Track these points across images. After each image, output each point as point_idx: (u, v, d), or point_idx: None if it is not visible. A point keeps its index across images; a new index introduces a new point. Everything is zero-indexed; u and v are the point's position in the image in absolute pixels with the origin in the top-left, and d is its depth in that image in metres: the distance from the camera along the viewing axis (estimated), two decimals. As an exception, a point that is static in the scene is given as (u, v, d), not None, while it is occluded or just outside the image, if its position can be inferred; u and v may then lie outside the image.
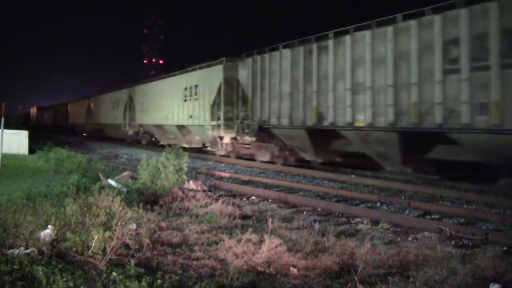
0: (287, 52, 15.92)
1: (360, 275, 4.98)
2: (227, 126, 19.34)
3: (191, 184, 10.82)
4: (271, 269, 5.27)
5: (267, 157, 17.62)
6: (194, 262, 5.47)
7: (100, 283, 4.58)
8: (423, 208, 9.29)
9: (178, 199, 9.21)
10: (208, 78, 20.81)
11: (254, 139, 17.96)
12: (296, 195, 10.71)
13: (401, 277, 5.04)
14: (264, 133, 17.35)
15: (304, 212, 9.03)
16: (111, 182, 10.36)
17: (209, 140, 21.60)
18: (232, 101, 19.26)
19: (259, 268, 5.27)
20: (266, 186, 12.39)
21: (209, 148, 22.29)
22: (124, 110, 33.25)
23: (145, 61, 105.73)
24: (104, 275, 4.76)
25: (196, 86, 22.08)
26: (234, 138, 19.42)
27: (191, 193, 9.82)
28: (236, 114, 19.03)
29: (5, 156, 15.90)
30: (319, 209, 9.22)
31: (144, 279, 4.50)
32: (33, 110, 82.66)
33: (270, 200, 10.34)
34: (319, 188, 11.81)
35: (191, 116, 22.38)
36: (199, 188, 10.71)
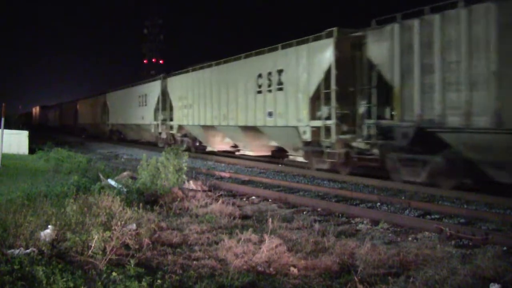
0: (483, 8, 9.82)
1: (360, 275, 4.98)
2: (343, 128, 13.77)
3: (191, 184, 10.82)
4: (271, 269, 5.27)
5: (422, 177, 11.54)
6: (194, 262, 5.47)
7: (100, 283, 4.58)
8: (423, 208, 9.29)
9: (178, 199, 9.21)
10: (303, 59, 14.95)
11: (401, 148, 11.90)
12: (296, 195, 10.71)
13: (401, 277, 5.04)
14: (419, 140, 11.42)
15: (304, 212, 9.03)
16: (111, 182, 10.36)
17: (297, 147, 15.81)
18: (347, 92, 13.66)
19: (259, 268, 5.27)
20: (266, 186, 12.39)
21: (296, 158, 16.32)
22: (155, 107, 27.29)
23: (145, 61, 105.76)
24: (104, 275, 4.76)
25: (280, 71, 16.04)
26: (349, 146, 13.71)
27: (191, 193, 9.82)
28: (361, 110, 13.24)
29: (5, 156, 15.90)
30: (319, 209, 9.22)
31: (144, 279, 4.51)
32: (36, 110, 79.37)
33: (270, 200, 10.34)
34: (319, 188, 11.81)
35: (270, 114, 16.50)
36: (199, 188, 10.71)
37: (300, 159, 15.84)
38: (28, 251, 5.33)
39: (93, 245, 5.26)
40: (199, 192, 10.08)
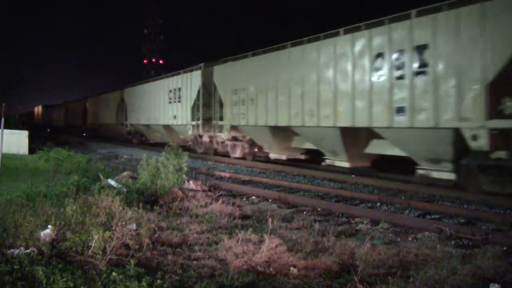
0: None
1: (360, 275, 4.98)
2: None
3: (191, 184, 10.82)
4: (271, 269, 5.27)
5: None
6: (194, 262, 5.47)
7: (100, 283, 4.58)
8: (423, 208, 9.29)
9: (178, 199, 9.20)
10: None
11: None
12: (296, 195, 10.71)
13: (401, 277, 5.04)
14: None
15: (304, 212, 9.03)
16: (111, 182, 10.35)
17: (445, 159, 10.92)
18: None
19: (259, 268, 5.27)
20: (266, 186, 12.39)
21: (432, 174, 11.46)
22: (193, 104, 22.19)
23: (145, 61, 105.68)
24: (104, 275, 4.76)
25: (424, 47, 10.75)
26: None
27: (191, 193, 9.82)
28: None
29: (5, 156, 15.90)
30: (319, 209, 9.22)
31: (144, 279, 4.51)
32: (38, 109, 75.57)
33: (270, 200, 10.34)
34: (319, 188, 11.80)
35: (400, 111, 11.27)
36: (199, 188, 10.71)
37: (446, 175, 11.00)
38: (28, 251, 5.33)
39: (93, 245, 5.26)
40: (199, 192, 10.08)
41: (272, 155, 17.55)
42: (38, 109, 75.56)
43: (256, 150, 18.87)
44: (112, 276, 4.66)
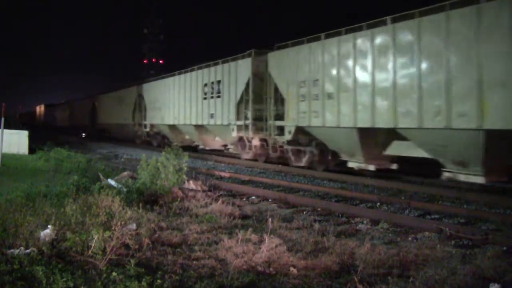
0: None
1: (360, 275, 4.98)
2: None
3: (191, 184, 10.82)
4: (271, 269, 5.27)
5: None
6: (194, 262, 5.47)
7: (100, 283, 4.58)
8: (423, 208, 9.29)
9: (178, 199, 9.20)
10: None
11: None
12: (296, 195, 10.71)
13: (401, 277, 5.04)
14: None
15: (304, 212, 9.03)
16: (111, 182, 10.35)
17: None
18: None
19: (259, 268, 5.27)
20: (266, 186, 12.39)
21: None
22: (238, 101, 18.41)
23: (145, 61, 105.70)
24: (104, 275, 4.76)
25: None
26: None
27: (191, 193, 9.82)
28: None
29: (5, 156, 15.89)
30: (319, 209, 9.22)
31: (144, 279, 4.51)
32: (40, 109, 72.10)
33: (270, 200, 10.34)
34: (319, 188, 11.80)
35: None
36: (199, 188, 10.71)
37: None
38: (28, 251, 5.33)
39: (93, 245, 5.25)
40: (199, 192, 10.07)
41: (354, 164, 13.68)
42: (40, 109, 72.51)
43: (329, 157, 15.08)
44: (112, 276, 4.66)
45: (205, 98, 21.21)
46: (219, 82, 20.05)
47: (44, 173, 13.41)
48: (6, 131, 16.04)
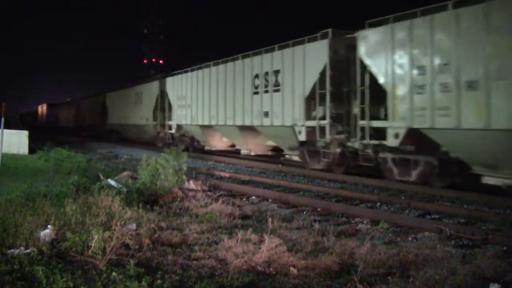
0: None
1: (360, 275, 4.98)
2: None
3: (191, 184, 10.82)
4: (271, 269, 5.27)
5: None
6: (194, 262, 5.47)
7: (100, 283, 4.58)
8: (423, 208, 9.29)
9: (178, 199, 9.21)
10: None
11: None
12: (296, 195, 10.71)
13: (401, 277, 5.04)
14: None
15: (304, 212, 9.03)
16: (111, 182, 10.35)
17: None
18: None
19: (259, 268, 5.27)
20: (266, 186, 12.39)
21: None
22: (307, 95, 14.67)
23: (145, 61, 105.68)
24: (104, 275, 4.76)
25: None
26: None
27: (191, 193, 9.83)
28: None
29: (5, 156, 15.89)
30: (319, 209, 9.22)
31: (144, 279, 4.51)
32: (42, 108, 69.36)
33: (270, 200, 10.34)
34: (319, 188, 11.80)
35: None
36: (199, 188, 10.71)
37: None
38: (28, 251, 5.33)
39: (93, 245, 5.25)
40: (199, 192, 10.08)
41: (494, 180, 10.22)
42: (42, 108, 69.18)
43: (454, 170, 11.19)
44: (112, 276, 4.66)
45: (256, 93, 17.09)
46: (277, 72, 16.03)
47: (44, 173, 13.41)
48: (6, 131, 16.05)
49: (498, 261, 5.58)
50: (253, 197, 10.68)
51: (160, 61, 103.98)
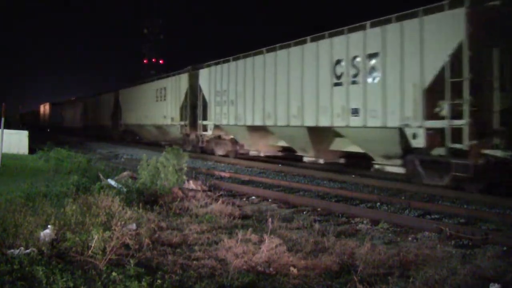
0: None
1: (360, 275, 4.98)
2: None
3: (191, 184, 10.82)
4: (271, 269, 5.27)
5: None
6: (194, 262, 5.47)
7: (100, 283, 4.58)
8: (423, 208, 9.29)
9: (178, 199, 9.20)
10: None
11: None
12: (296, 195, 10.71)
13: (401, 277, 5.04)
14: None
15: (304, 212, 9.03)
16: (111, 182, 10.35)
17: None
18: None
19: (259, 268, 5.26)
20: (266, 186, 12.38)
21: None
22: (429, 85, 10.81)
23: (145, 61, 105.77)
24: (104, 275, 4.76)
25: None
26: None
27: (191, 193, 9.82)
28: None
29: (5, 156, 15.89)
30: (319, 209, 9.22)
31: (144, 279, 4.51)
32: (44, 108, 65.28)
33: (270, 200, 10.34)
34: (319, 188, 11.80)
35: None
36: (199, 188, 10.71)
37: None
38: (28, 251, 5.33)
39: (93, 245, 5.25)
40: (199, 192, 10.07)
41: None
42: (45, 108, 64.86)
43: None
44: (112, 276, 4.66)
45: (337, 84, 13.50)
46: (372, 56, 12.35)
47: (44, 173, 13.40)
48: (6, 131, 16.05)
49: (498, 261, 5.58)
50: (253, 197, 10.68)
51: (160, 61, 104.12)
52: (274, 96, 16.25)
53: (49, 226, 5.84)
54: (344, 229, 7.44)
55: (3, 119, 14.56)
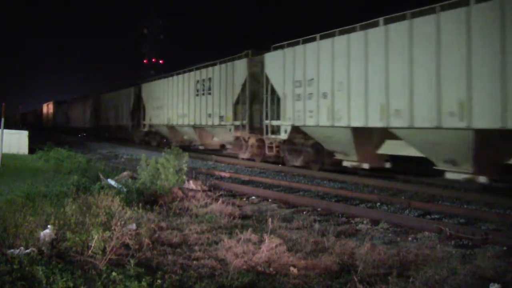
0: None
1: (360, 275, 4.98)
2: None
3: (191, 184, 10.82)
4: (271, 269, 5.27)
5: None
6: (194, 262, 5.47)
7: (100, 283, 4.58)
8: (423, 208, 9.29)
9: (178, 199, 9.21)
10: None
11: None
12: (296, 195, 10.71)
13: (401, 277, 5.04)
14: None
15: (304, 212, 9.03)
16: (111, 182, 10.35)
17: None
18: None
19: (259, 268, 5.26)
20: (266, 186, 12.38)
21: None
22: None
23: (145, 61, 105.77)
24: (104, 275, 4.76)
25: None
26: None
27: (191, 193, 9.82)
28: None
29: (5, 156, 15.89)
30: (319, 209, 9.22)
31: (144, 279, 4.50)
32: (47, 107, 61.34)
33: (270, 200, 10.34)
34: (319, 188, 11.80)
35: None
36: (199, 188, 10.71)
37: None
38: (28, 251, 5.33)
39: (93, 245, 5.25)
40: (199, 192, 10.07)
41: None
42: (48, 107, 60.66)
43: None
44: (112, 276, 4.66)
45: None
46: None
47: (44, 173, 13.40)
48: (6, 131, 16.05)
49: (498, 261, 5.58)
50: (253, 197, 10.68)
51: (160, 61, 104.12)
52: (407, 83, 11.14)
53: (49, 226, 5.84)
54: (344, 229, 7.44)
55: (3, 119, 14.56)
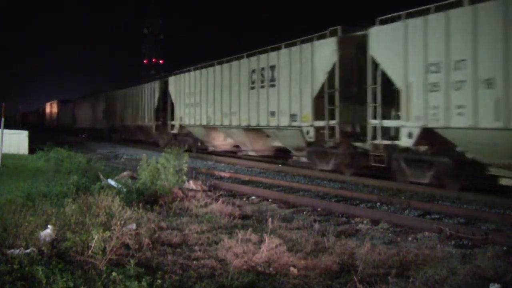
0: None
1: (360, 275, 4.98)
2: None
3: (191, 184, 10.82)
4: (271, 269, 5.27)
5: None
6: (194, 262, 5.47)
7: (100, 283, 4.58)
8: (423, 208, 9.28)
9: (178, 199, 9.21)
10: None
11: None
12: (296, 195, 10.71)
13: (401, 277, 5.04)
14: None
15: (304, 212, 9.03)
16: (111, 182, 10.35)
17: None
18: None
19: (259, 268, 5.27)
20: (266, 186, 12.38)
21: None
22: None
23: (145, 61, 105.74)
24: (104, 275, 4.76)
25: None
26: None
27: (191, 193, 9.82)
28: None
29: (5, 156, 15.89)
30: (319, 209, 9.22)
31: (144, 279, 4.51)
32: (51, 106, 57.93)
33: (270, 200, 10.34)
34: (319, 188, 11.80)
35: None
36: (199, 188, 10.71)
37: None
38: (28, 251, 5.33)
39: (93, 245, 5.25)
40: (199, 192, 10.07)
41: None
42: (52, 106, 57.15)
43: None
44: (112, 276, 4.66)
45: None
46: None
47: (44, 173, 13.40)
48: (6, 131, 16.05)
49: (498, 261, 5.58)
50: (253, 197, 10.68)
51: (160, 61, 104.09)
52: None
53: (49, 226, 5.84)
54: (344, 229, 7.44)
55: (3, 119, 14.56)
